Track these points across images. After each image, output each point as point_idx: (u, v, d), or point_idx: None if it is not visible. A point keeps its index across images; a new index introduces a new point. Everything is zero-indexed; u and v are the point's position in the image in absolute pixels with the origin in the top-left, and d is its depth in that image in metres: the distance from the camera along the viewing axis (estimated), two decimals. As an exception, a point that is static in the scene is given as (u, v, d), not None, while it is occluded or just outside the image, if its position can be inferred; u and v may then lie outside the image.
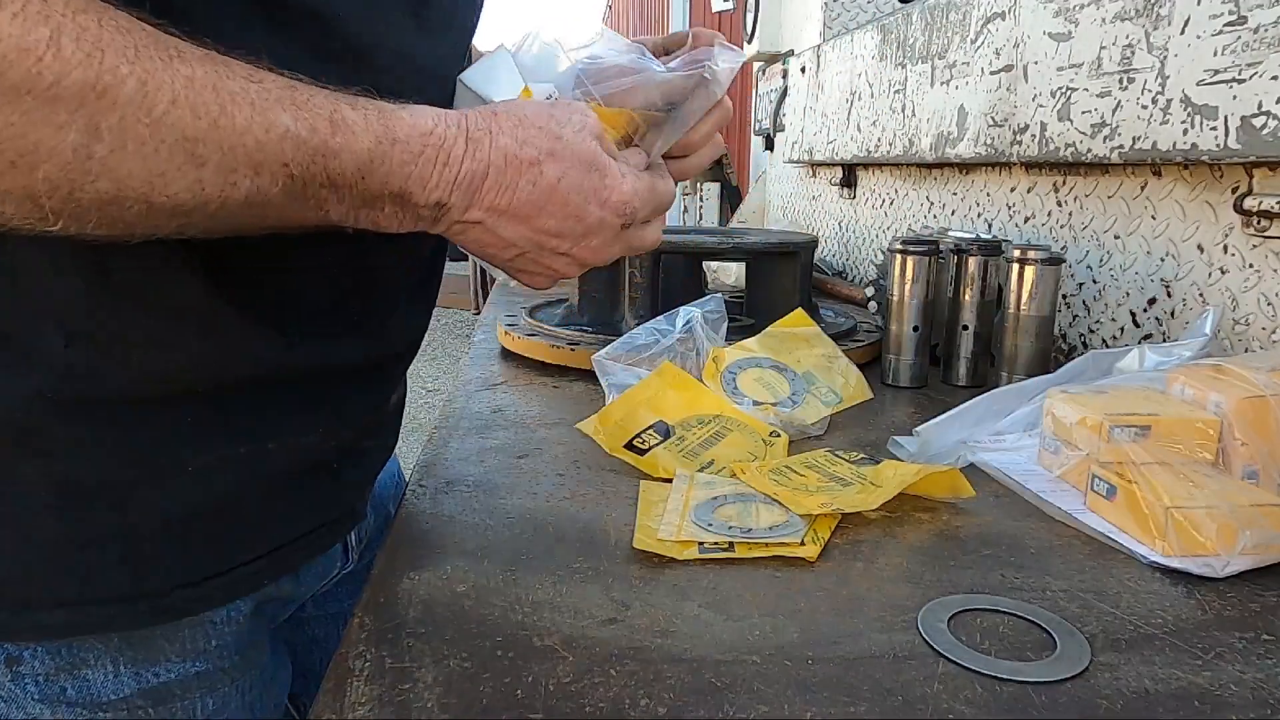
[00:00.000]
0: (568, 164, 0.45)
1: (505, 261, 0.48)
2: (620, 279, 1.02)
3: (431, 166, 0.42)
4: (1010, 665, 0.40)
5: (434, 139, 0.42)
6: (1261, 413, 0.56)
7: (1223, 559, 0.49)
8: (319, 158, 0.38)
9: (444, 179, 0.42)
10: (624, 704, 0.37)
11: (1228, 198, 0.77)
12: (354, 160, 0.39)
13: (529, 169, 0.44)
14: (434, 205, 0.43)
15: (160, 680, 0.48)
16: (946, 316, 0.94)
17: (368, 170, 0.40)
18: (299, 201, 0.39)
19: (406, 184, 0.42)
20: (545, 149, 0.45)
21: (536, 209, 0.45)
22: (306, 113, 0.38)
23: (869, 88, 1.49)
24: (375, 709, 0.37)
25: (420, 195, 0.42)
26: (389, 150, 0.40)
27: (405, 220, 0.43)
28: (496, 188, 0.44)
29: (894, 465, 0.64)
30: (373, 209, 0.42)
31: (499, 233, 0.45)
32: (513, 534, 0.54)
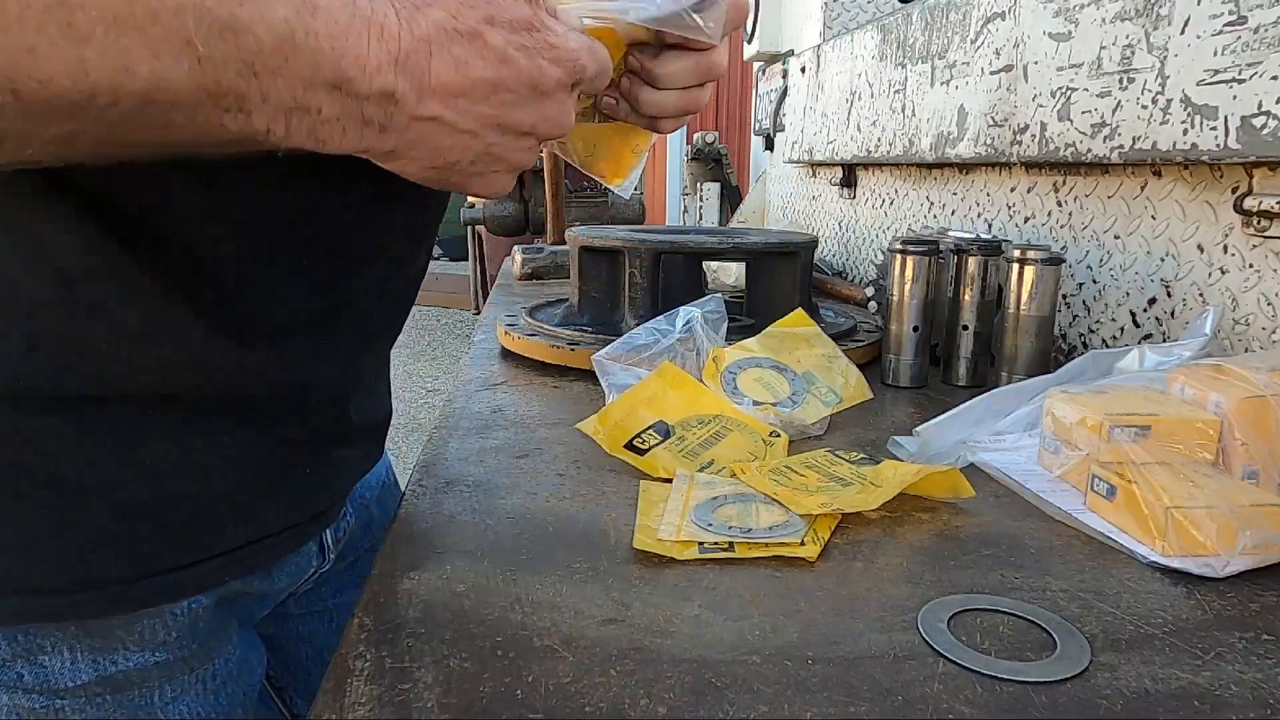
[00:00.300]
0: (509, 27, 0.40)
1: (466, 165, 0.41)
2: (620, 279, 1.02)
3: (364, 40, 0.35)
4: (1010, 665, 0.40)
5: (360, 8, 0.35)
6: (1261, 413, 0.56)
7: (1223, 559, 0.49)
8: (228, 34, 0.32)
9: (383, 56, 0.36)
10: (624, 704, 0.37)
11: (1228, 198, 0.77)
12: (270, 34, 0.33)
13: (473, 41, 0.39)
14: (380, 95, 0.36)
15: (119, 669, 0.48)
16: (946, 316, 0.94)
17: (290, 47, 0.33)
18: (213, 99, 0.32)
19: (341, 64, 0.35)
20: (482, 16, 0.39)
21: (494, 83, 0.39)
22: None
23: (869, 88, 1.49)
24: (375, 709, 0.37)
25: (362, 80, 0.35)
26: (309, 21, 0.34)
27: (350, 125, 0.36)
28: (446, 65, 0.38)
29: (894, 465, 0.64)
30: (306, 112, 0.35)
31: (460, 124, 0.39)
32: (513, 534, 0.54)
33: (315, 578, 0.61)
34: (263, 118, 0.34)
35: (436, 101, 0.38)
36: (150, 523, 0.46)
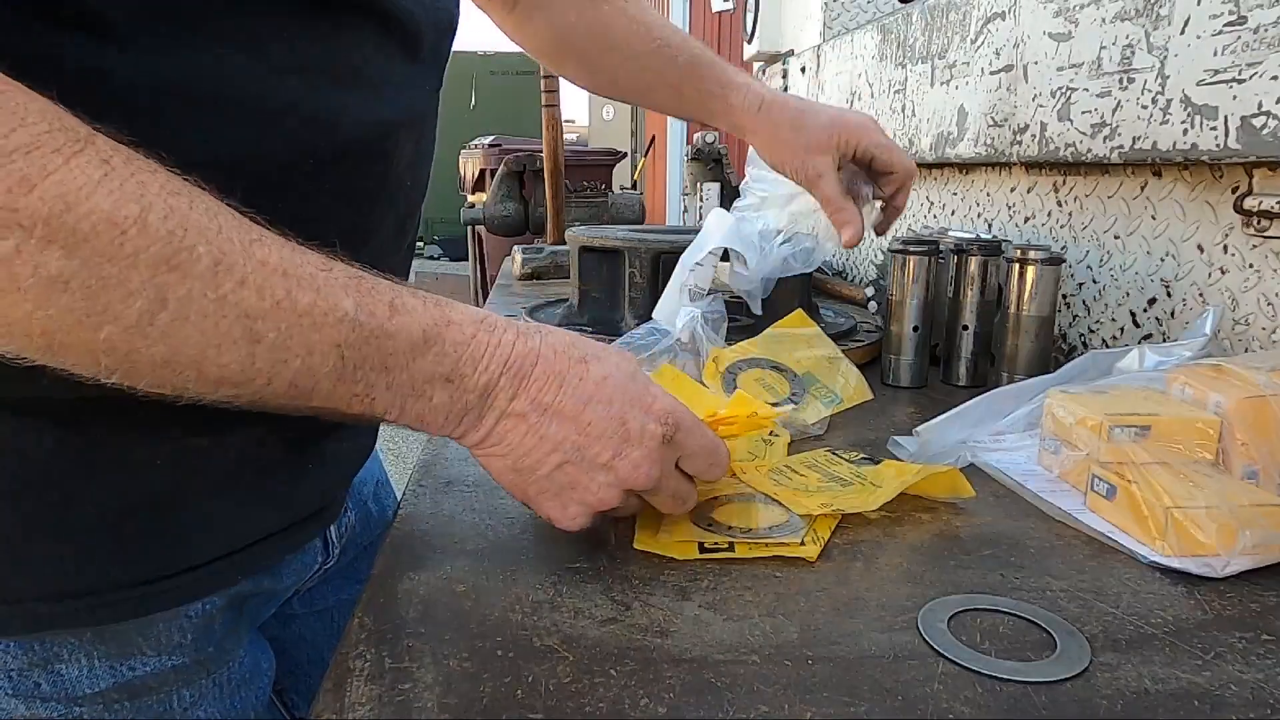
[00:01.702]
0: (612, 368, 0.46)
1: (541, 477, 0.46)
2: (620, 279, 1.02)
3: (484, 348, 0.43)
4: (1010, 665, 0.40)
5: (486, 325, 0.44)
6: (1262, 413, 0.56)
7: (1223, 559, 0.49)
8: (373, 339, 0.40)
9: (495, 359, 0.43)
10: (624, 704, 0.37)
11: (1228, 198, 0.77)
12: (408, 340, 0.41)
13: (577, 365, 0.45)
14: (483, 388, 0.43)
15: (136, 674, 0.48)
16: (946, 316, 0.94)
17: (421, 350, 0.41)
18: (346, 384, 0.40)
19: (459, 364, 0.43)
20: (591, 352, 0.47)
21: (582, 405, 0.45)
22: (368, 299, 0.40)
23: (869, 88, 1.49)
24: (375, 709, 0.37)
25: (471, 375, 0.43)
26: (443, 331, 0.42)
27: (453, 409, 0.43)
28: (544, 377, 0.45)
29: (894, 465, 0.64)
30: (420, 397, 0.42)
31: (543, 430, 0.45)
32: (513, 534, 0.54)
33: (319, 574, 0.61)
34: (383, 403, 0.42)
35: (527, 402, 0.44)
36: (157, 524, 0.46)
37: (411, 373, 0.41)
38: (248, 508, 0.50)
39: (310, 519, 0.55)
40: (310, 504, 0.55)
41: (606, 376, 0.46)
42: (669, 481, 0.49)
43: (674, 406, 0.48)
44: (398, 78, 0.49)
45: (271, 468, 0.50)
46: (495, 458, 0.46)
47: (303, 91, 0.43)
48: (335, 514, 0.58)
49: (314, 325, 0.38)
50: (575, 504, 0.47)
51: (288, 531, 0.53)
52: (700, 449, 0.49)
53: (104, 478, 0.44)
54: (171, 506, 0.46)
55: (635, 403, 0.46)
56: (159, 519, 0.46)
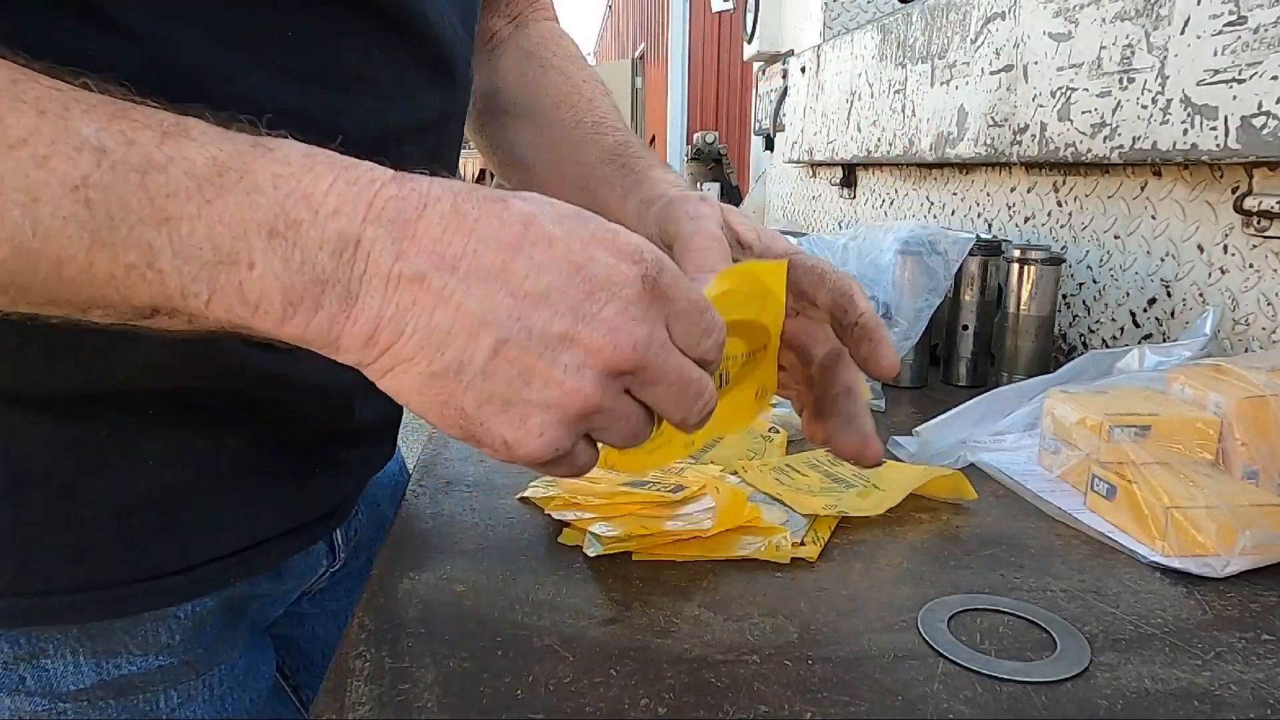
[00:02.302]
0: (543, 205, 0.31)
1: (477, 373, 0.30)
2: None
3: (328, 179, 0.29)
4: (1010, 665, 0.40)
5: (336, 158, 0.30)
6: (1261, 413, 0.56)
7: (1223, 559, 0.49)
8: (131, 173, 0.27)
9: (350, 197, 0.29)
10: (624, 704, 0.37)
11: (1228, 198, 0.77)
12: (189, 172, 0.28)
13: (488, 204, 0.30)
14: (336, 241, 0.28)
15: (122, 672, 0.47)
16: (946, 316, 0.94)
17: (214, 184, 0.28)
18: (108, 249, 0.28)
19: (285, 205, 0.28)
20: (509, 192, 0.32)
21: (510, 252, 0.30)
22: (124, 121, 0.28)
23: (869, 88, 1.49)
24: (375, 709, 0.37)
25: (310, 222, 0.28)
26: (252, 161, 0.28)
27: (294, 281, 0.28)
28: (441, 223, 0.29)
29: (896, 466, 0.64)
30: (234, 264, 0.28)
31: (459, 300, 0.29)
32: (513, 534, 0.54)
33: (327, 577, 0.60)
34: (174, 275, 0.28)
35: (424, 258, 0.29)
36: (149, 524, 0.45)
37: (207, 222, 0.28)
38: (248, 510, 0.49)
39: (315, 523, 0.54)
40: (316, 509, 0.54)
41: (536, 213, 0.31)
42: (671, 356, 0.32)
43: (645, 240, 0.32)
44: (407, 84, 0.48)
45: (273, 470, 0.50)
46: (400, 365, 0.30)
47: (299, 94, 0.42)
48: (342, 518, 0.58)
49: (34, 159, 0.27)
50: (537, 410, 0.31)
51: (290, 535, 0.52)
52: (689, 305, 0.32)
53: (106, 473, 0.44)
54: (171, 505, 0.46)
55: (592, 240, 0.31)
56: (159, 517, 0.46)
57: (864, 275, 0.93)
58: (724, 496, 0.53)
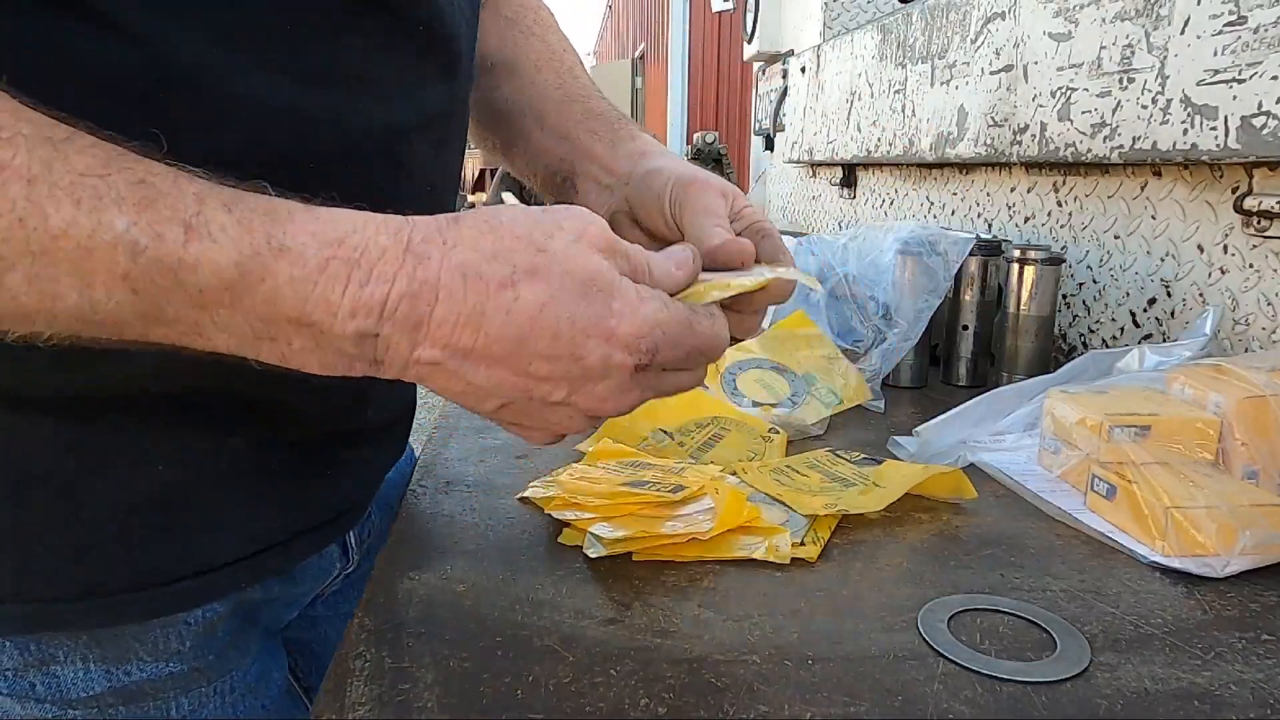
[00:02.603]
0: (556, 284, 0.35)
1: (489, 414, 0.38)
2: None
3: (341, 285, 0.32)
4: (1010, 665, 0.40)
5: (344, 250, 0.33)
6: (1261, 413, 0.56)
7: (1223, 559, 0.49)
8: (166, 271, 0.31)
9: (361, 303, 0.33)
10: (624, 704, 0.37)
11: (1228, 198, 0.77)
12: (216, 275, 0.31)
13: (499, 292, 0.34)
14: (357, 338, 0.33)
15: (132, 679, 0.47)
16: (946, 316, 0.94)
17: (240, 288, 0.32)
18: (160, 324, 0.32)
19: (305, 307, 0.32)
20: (524, 265, 0.34)
21: (516, 346, 0.34)
22: (151, 213, 0.31)
23: (869, 88, 1.49)
24: (375, 709, 0.37)
25: (330, 322, 0.33)
26: (270, 263, 0.32)
27: (327, 357, 0.34)
28: (452, 320, 0.34)
29: (896, 465, 0.64)
30: (275, 340, 0.33)
31: (469, 379, 0.35)
32: (513, 534, 0.54)
33: (340, 579, 0.60)
34: (223, 343, 0.33)
35: (438, 350, 0.34)
36: (150, 525, 0.45)
37: (244, 314, 0.32)
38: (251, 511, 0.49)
39: (326, 525, 0.53)
40: (326, 511, 0.53)
41: (545, 302, 0.34)
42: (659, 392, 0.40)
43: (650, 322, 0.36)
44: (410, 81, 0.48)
45: (276, 471, 0.49)
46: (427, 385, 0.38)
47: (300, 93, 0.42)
48: (354, 520, 0.57)
49: (79, 250, 0.30)
50: (536, 432, 0.39)
51: (301, 538, 0.51)
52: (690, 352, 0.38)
53: (106, 473, 0.44)
54: (177, 508, 0.46)
55: (591, 330, 0.35)
56: (164, 520, 0.45)
57: (864, 275, 0.93)
58: (724, 497, 0.53)
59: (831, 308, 0.93)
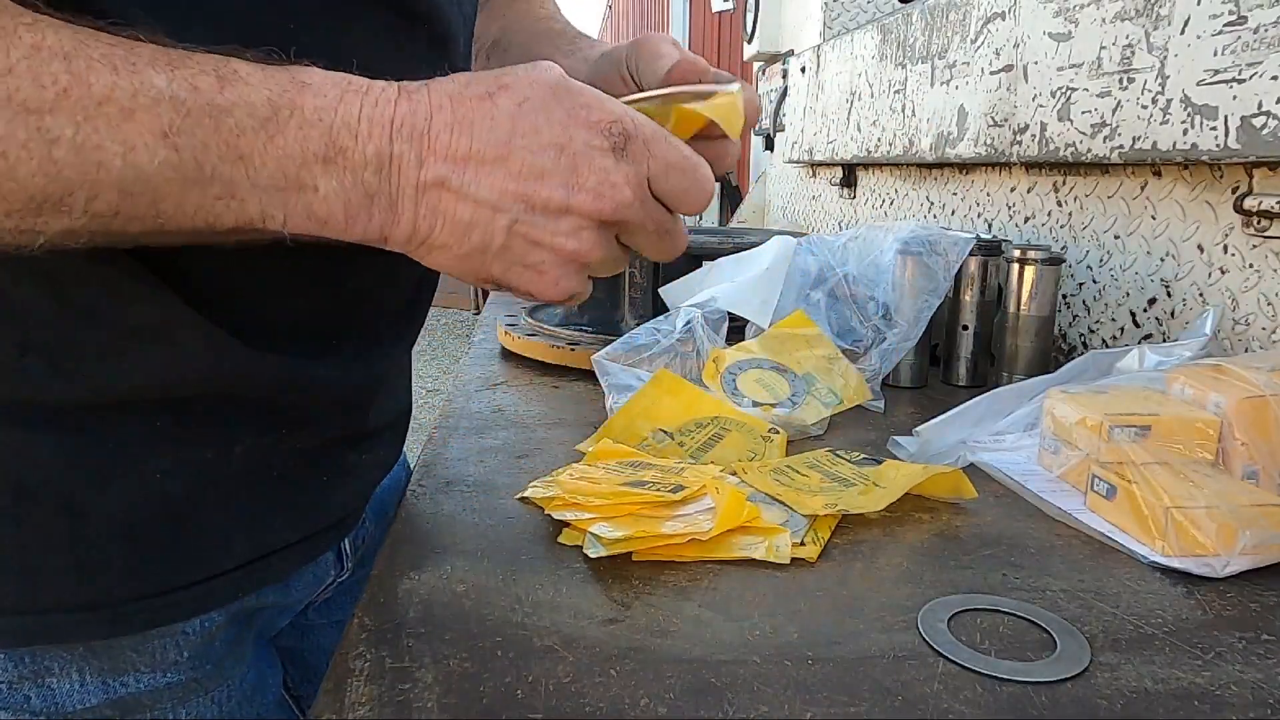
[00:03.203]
0: (527, 90, 0.38)
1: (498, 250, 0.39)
2: (620, 279, 1.02)
3: (357, 108, 0.35)
4: (1010, 665, 0.40)
5: (355, 84, 0.36)
6: (1261, 413, 0.56)
7: (1223, 559, 0.49)
8: (205, 119, 0.32)
9: (377, 119, 0.36)
10: (624, 704, 0.37)
11: (1228, 198, 0.77)
12: (250, 113, 0.33)
13: (480, 102, 0.37)
14: (376, 160, 0.36)
15: (129, 690, 0.46)
16: (946, 316, 0.94)
17: (273, 123, 0.34)
18: (196, 186, 0.33)
19: (332, 135, 0.35)
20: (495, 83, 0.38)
21: (505, 144, 0.37)
22: (185, 70, 0.33)
23: (869, 88, 1.49)
24: (375, 709, 0.37)
25: (353, 147, 0.35)
26: (296, 97, 0.34)
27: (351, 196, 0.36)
28: (448, 129, 0.37)
29: (896, 465, 0.64)
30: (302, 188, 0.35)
31: (473, 192, 0.37)
32: (513, 534, 0.54)
33: (334, 586, 0.59)
34: (255, 202, 0.35)
35: (441, 164, 0.37)
36: (156, 539, 0.44)
37: (276, 156, 0.34)
38: (258, 521, 0.48)
39: (324, 532, 0.53)
40: (325, 517, 0.53)
41: (522, 102, 0.37)
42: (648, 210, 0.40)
43: (620, 111, 0.39)
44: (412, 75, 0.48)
45: (283, 479, 0.49)
46: (438, 250, 0.39)
47: None
48: (351, 526, 0.57)
49: (122, 113, 0.31)
50: (552, 266, 0.40)
51: (300, 545, 0.51)
52: (671, 163, 0.40)
53: (110, 487, 0.43)
54: (180, 518, 0.45)
55: (569, 120, 0.38)
56: (167, 532, 0.44)
57: (864, 275, 0.93)
58: (724, 497, 0.53)
59: (831, 308, 0.93)
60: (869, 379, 0.84)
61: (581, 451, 0.69)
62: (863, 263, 0.93)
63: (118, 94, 0.31)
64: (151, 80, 0.32)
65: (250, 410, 0.46)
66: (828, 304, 0.93)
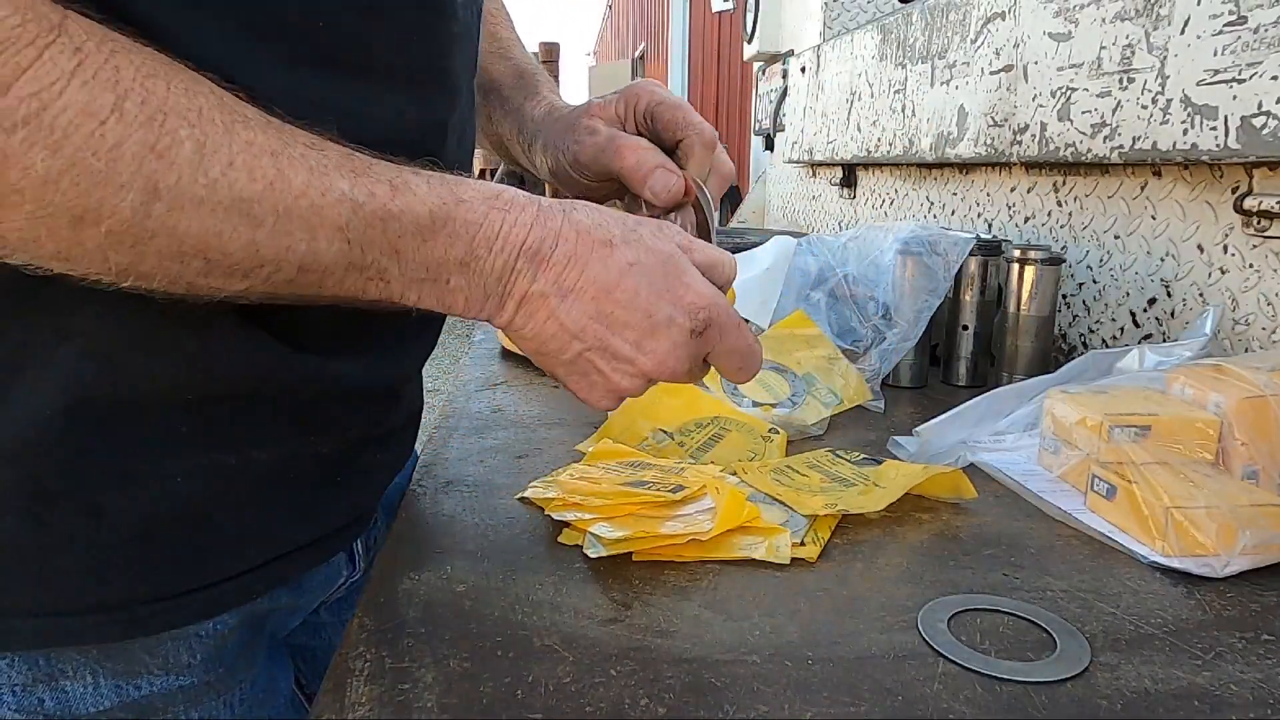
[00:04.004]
0: (643, 253, 0.44)
1: (565, 361, 0.45)
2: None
3: (498, 226, 0.42)
4: (1010, 665, 0.40)
5: (501, 202, 0.42)
6: (1261, 413, 0.56)
7: (1223, 559, 0.49)
8: (377, 221, 0.39)
9: (511, 240, 0.42)
10: (624, 704, 0.37)
11: (1228, 198, 0.77)
12: (415, 222, 0.40)
13: (601, 248, 0.43)
14: (500, 271, 0.42)
15: (142, 693, 0.46)
16: (946, 316, 0.94)
17: (430, 231, 0.40)
18: (357, 270, 0.39)
19: (473, 245, 0.41)
20: (620, 236, 0.44)
21: (605, 291, 0.43)
22: (366, 178, 0.39)
23: (869, 88, 1.49)
24: (375, 709, 0.37)
25: (486, 258, 0.42)
26: (453, 210, 0.41)
27: (472, 293, 0.43)
28: (565, 260, 0.43)
29: (896, 466, 0.64)
30: (436, 282, 0.42)
31: (563, 316, 0.43)
32: (513, 534, 0.54)
33: (346, 586, 0.59)
34: (399, 286, 0.41)
35: (549, 285, 0.43)
36: (171, 541, 0.44)
37: (424, 256, 0.41)
38: (272, 524, 0.48)
39: (337, 533, 0.53)
40: (338, 519, 0.53)
41: (634, 263, 0.44)
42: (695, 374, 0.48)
43: (710, 299, 0.45)
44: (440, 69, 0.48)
45: (300, 483, 0.49)
46: (524, 340, 0.45)
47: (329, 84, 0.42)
48: (363, 527, 0.57)
49: (312, 207, 0.37)
50: (600, 388, 0.47)
51: (312, 546, 0.51)
52: (733, 349, 0.47)
53: (133, 489, 0.43)
54: (196, 521, 0.45)
55: (665, 293, 0.44)
56: (183, 534, 0.44)
57: (864, 275, 0.93)
58: (724, 497, 0.53)
59: (831, 308, 0.93)
60: (869, 379, 0.84)
61: (581, 451, 0.69)
62: (863, 263, 0.93)
63: (310, 192, 0.37)
64: (337, 183, 0.38)
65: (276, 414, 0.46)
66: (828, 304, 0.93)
